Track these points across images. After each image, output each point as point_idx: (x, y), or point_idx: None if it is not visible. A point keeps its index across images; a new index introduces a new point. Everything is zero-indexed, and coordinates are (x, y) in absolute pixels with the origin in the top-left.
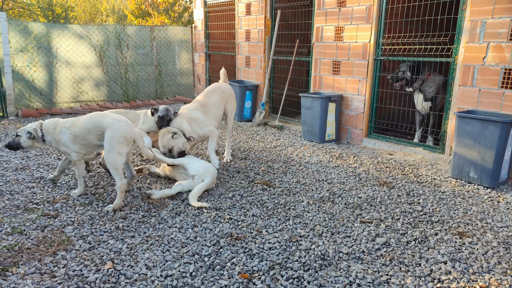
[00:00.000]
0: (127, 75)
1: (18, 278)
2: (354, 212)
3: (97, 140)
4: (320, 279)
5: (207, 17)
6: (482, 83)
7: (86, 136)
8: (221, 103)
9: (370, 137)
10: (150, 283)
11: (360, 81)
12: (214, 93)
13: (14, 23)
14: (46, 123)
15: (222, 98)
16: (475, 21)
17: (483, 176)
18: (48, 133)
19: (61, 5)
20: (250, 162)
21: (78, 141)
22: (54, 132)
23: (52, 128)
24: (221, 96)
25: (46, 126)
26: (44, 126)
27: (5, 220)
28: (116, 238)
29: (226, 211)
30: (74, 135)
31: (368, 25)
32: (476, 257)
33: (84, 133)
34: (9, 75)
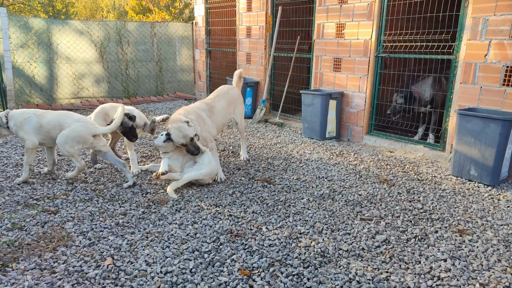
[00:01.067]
0: (128, 71)
1: (18, 274)
2: (354, 209)
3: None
4: (320, 276)
5: (208, 14)
6: (484, 81)
7: (50, 131)
8: (228, 109)
9: (370, 135)
10: (150, 279)
11: (361, 78)
12: (223, 99)
13: (15, 18)
14: (13, 111)
15: (229, 103)
16: (477, 18)
17: (484, 174)
18: (13, 119)
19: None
20: (250, 159)
21: (42, 132)
22: (20, 117)
23: (19, 114)
24: (228, 102)
25: (13, 113)
26: (11, 113)
27: (5, 215)
28: (116, 234)
29: (226, 208)
30: (40, 124)
31: (369, 22)
32: (476, 255)
33: (49, 127)
34: (9, 71)
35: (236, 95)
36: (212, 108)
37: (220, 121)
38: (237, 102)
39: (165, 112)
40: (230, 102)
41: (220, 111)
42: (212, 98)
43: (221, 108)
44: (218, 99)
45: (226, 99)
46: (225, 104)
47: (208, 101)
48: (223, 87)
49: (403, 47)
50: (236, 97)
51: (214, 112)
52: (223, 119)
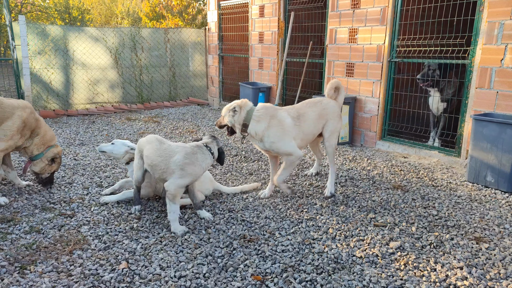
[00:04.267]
0: (142, 77)
1: (36, 276)
2: (367, 215)
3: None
4: (333, 282)
5: (221, 19)
6: (500, 86)
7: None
8: (319, 120)
9: (384, 140)
10: (164, 283)
11: (374, 83)
12: (315, 107)
13: (33, 26)
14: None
15: (321, 115)
16: (493, 23)
17: (501, 180)
18: None
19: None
20: (262, 164)
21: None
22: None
23: None
24: (320, 113)
25: None
26: None
27: (24, 219)
28: (130, 238)
29: (239, 213)
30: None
31: (382, 27)
32: (494, 263)
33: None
34: (27, 77)
35: (331, 107)
36: (302, 114)
37: (309, 131)
38: (332, 115)
39: (178, 118)
40: (322, 114)
41: (311, 119)
42: (301, 104)
43: (313, 118)
44: (310, 106)
45: (318, 108)
46: (315, 114)
47: (296, 106)
48: (316, 98)
49: (416, 52)
50: (331, 110)
51: (304, 119)
52: (313, 129)
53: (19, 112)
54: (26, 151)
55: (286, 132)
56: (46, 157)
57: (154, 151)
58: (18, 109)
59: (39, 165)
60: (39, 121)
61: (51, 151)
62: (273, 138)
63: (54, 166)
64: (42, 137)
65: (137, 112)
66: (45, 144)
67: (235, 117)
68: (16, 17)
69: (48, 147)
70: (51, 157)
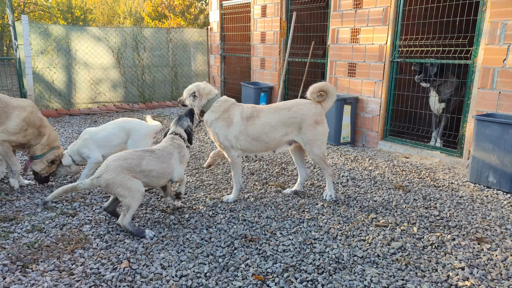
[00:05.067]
0: (144, 76)
1: (37, 275)
2: (369, 215)
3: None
4: (334, 282)
5: (223, 19)
6: (502, 86)
7: None
8: (281, 128)
9: (386, 140)
10: (165, 282)
11: (376, 83)
12: (279, 113)
13: (35, 25)
14: None
15: (285, 123)
16: (495, 23)
17: (503, 181)
18: None
19: (80, 8)
20: (264, 164)
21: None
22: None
23: None
24: (284, 121)
25: None
26: None
27: (26, 218)
28: (132, 238)
29: (240, 213)
30: None
31: (384, 27)
32: (495, 264)
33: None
34: (30, 76)
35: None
36: (258, 111)
37: (262, 137)
38: (304, 122)
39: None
40: (289, 119)
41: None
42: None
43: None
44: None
45: (284, 112)
46: (278, 119)
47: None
48: (291, 101)
49: (419, 52)
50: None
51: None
52: (270, 135)
53: (17, 112)
54: (29, 150)
55: (229, 129)
56: (46, 158)
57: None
58: (17, 109)
59: (39, 165)
60: (42, 120)
61: (51, 153)
62: (217, 130)
63: (53, 167)
64: (48, 138)
65: (139, 111)
66: (49, 145)
67: (195, 102)
68: (19, 17)
69: (51, 149)
70: (52, 159)
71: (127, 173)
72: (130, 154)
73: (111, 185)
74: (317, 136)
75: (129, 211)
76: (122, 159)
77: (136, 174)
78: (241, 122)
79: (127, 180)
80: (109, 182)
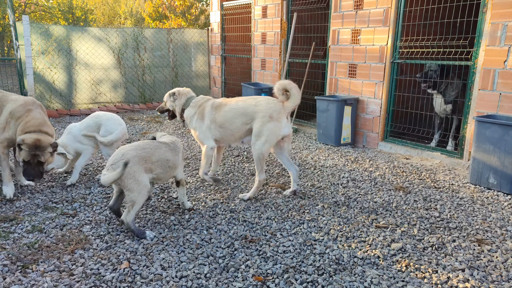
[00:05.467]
0: (144, 77)
1: (37, 275)
2: (369, 216)
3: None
4: (334, 283)
5: (224, 20)
6: (503, 87)
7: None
8: (241, 118)
9: (386, 141)
10: (165, 283)
11: (377, 84)
12: (243, 101)
13: (36, 26)
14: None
15: (244, 113)
16: (496, 24)
17: (503, 182)
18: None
19: (81, 8)
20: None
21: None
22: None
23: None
24: (244, 111)
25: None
26: None
27: (26, 218)
28: (132, 238)
29: (240, 213)
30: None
31: (385, 28)
32: (495, 265)
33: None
34: (30, 76)
35: (263, 106)
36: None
37: (229, 126)
38: (258, 115)
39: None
40: (247, 113)
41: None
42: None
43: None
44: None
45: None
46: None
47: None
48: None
49: (419, 53)
50: (261, 108)
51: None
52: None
53: (9, 104)
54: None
55: (203, 121)
56: (17, 142)
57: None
58: (10, 102)
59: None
60: (30, 112)
61: (20, 137)
62: (195, 124)
63: (22, 153)
64: (25, 123)
65: (139, 112)
66: (23, 130)
67: (176, 101)
68: (19, 17)
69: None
70: (18, 143)
71: (142, 164)
72: (147, 144)
73: (125, 175)
74: (265, 132)
75: (134, 207)
76: (140, 148)
77: (151, 165)
78: (211, 111)
79: (139, 172)
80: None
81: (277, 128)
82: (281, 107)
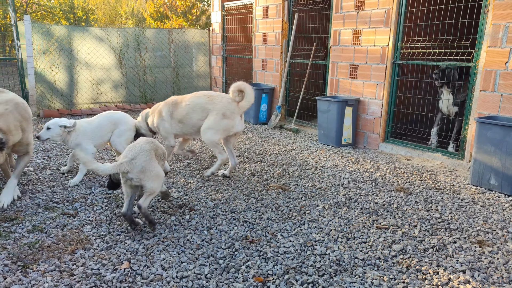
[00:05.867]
0: (145, 77)
1: (38, 275)
2: (370, 217)
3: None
4: (335, 284)
5: (225, 20)
6: (505, 89)
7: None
8: (200, 113)
9: (387, 142)
10: (165, 283)
11: (378, 85)
12: (200, 98)
13: (37, 25)
14: None
15: (203, 108)
16: (498, 25)
17: (504, 183)
18: None
19: (82, 8)
20: (265, 165)
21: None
22: None
23: None
24: (202, 106)
25: None
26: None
27: (27, 218)
28: (132, 239)
29: (241, 214)
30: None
31: (386, 29)
32: (496, 267)
33: None
34: (32, 76)
35: (215, 104)
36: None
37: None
38: (214, 111)
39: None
40: (205, 108)
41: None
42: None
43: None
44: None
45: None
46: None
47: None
48: (209, 91)
49: (420, 54)
50: (211, 107)
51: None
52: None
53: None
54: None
55: (163, 121)
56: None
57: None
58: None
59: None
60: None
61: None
62: (157, 124)
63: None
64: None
65: (140, 112)
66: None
67: (147, 120)
68: (21, 17)
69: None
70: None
71: (155, 156)
72: (151, 140)
73: (145, 169)
74: (215, 126)
75: (152, 196)
76: (150, 142)
77: (157, 158)
78: (168, 109)
79: (157, 164)
80: (144, 165)
81: (230, 126)
82: (235, 107)
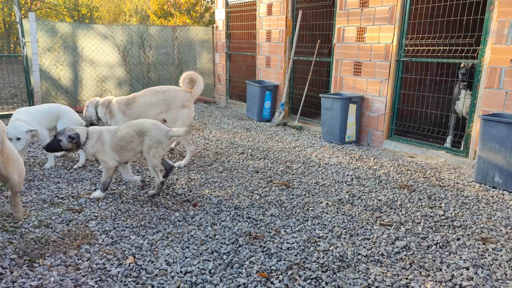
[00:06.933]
0: (149, 74)
1: (44, 270)
2: (373, 214)
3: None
4: (338, 280)
5: (228, 17)
6: (510, 86)
7: None
8: (156, 108)
9: (391, 139)
10: (170, 278)
11: (382, 82)
12: (155, 96)
13: (42, 23)
14: None
15: (159, 104)
16: (503, 22)
17: (509, 181)
18: None
19: (86, 6)
20: (269, 162)
21: None
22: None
23: None
24: (158, 102)
25: None
26: None
27: (33, 213)
28: (137, 234)
29: (245, 210)
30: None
31: (391, 26)
32: (500, 264)
33: None
34: (36, 73)
35: (172, 94)
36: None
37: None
38: (172, 105)
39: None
40: (161, 103)
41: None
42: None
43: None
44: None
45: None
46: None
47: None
48: (163, 87)
49: (425, 51)
50: (172, 97)
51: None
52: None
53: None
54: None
55: (113, 119)
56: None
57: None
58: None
59: None
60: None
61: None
62: (107, 121)
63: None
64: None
65: None
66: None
67: (95, 111)
68: (26, 14)
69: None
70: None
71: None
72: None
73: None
74: (181, 117)
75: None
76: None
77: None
78: (119, 109)
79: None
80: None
81: (189, 112)
82: (190, 96)
